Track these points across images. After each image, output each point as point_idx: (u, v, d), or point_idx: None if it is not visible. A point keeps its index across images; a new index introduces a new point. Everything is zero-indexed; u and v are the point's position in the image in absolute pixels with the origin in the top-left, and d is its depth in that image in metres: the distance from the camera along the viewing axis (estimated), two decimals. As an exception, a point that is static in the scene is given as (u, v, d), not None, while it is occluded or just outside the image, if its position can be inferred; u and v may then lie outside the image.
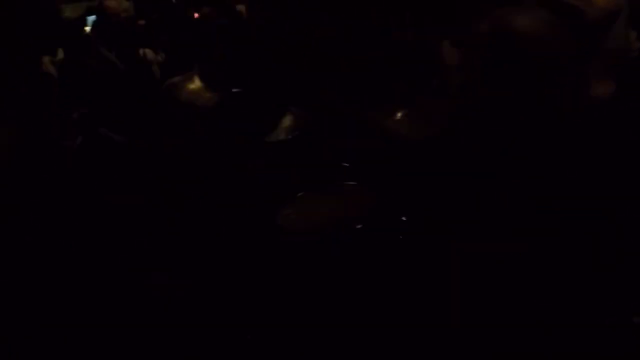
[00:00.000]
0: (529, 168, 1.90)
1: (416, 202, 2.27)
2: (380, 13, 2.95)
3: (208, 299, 2.33)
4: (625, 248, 1.63)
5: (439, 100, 2.13)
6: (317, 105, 2.99)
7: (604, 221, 1.65)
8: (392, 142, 2.29)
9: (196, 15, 5.49)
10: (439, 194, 2.26)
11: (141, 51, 4.13)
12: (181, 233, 2.51)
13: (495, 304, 1.77)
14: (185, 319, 2.26)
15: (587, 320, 1.65)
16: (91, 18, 4.62)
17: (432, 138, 2.11)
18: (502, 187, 1.98)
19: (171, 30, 4.51)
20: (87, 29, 4.77)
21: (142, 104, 3.32)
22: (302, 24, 3.11)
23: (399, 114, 2.25)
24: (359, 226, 2.22)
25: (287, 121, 2.94)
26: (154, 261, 2.48)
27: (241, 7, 4.28)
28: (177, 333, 2.19)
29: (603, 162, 1.68)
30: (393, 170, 2.42)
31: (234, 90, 3.00)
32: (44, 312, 2.23)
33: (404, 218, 2.28)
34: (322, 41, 3.05)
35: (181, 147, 2.78)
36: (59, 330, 2.21)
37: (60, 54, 3.77)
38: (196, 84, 3.07)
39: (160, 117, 2.99)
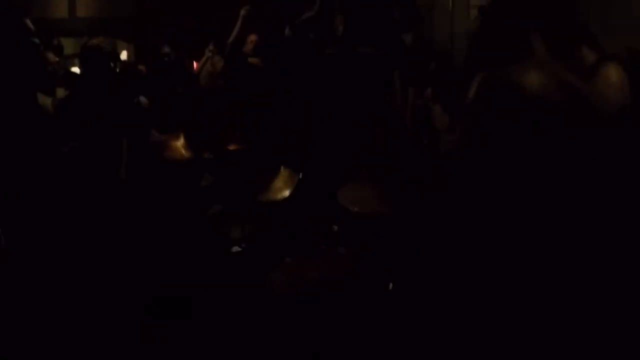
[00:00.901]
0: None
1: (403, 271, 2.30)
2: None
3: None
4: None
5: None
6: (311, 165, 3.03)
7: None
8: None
9: (195, 64, 5.58)
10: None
11: (136, 99, 4.19)
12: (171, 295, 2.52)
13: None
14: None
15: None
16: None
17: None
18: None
19: (166, 83, 4.58)
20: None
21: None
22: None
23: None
24: (345, 293, 2.24)
25: (279, 182, 2.97)
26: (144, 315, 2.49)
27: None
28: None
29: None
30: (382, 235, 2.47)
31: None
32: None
33: (390, 286, 2.30)
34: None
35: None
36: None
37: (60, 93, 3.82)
38: (181, 142, 3.08)
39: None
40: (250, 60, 4.29)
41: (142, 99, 3.72)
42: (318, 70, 3.19)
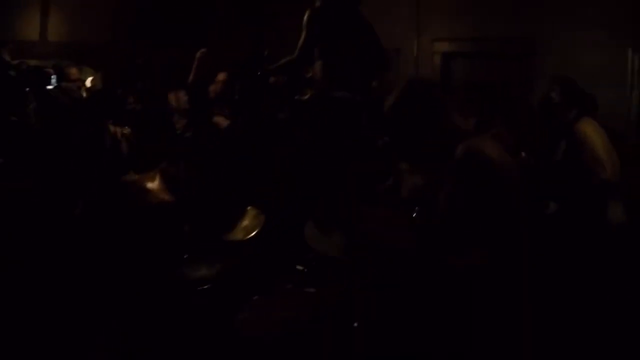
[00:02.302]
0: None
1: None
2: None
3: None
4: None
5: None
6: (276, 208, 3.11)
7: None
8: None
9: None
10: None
11: (112, 128, 4.19)
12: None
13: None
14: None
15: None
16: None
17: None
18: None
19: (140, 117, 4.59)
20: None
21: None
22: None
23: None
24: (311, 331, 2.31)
25: (245, 221, 3.02)
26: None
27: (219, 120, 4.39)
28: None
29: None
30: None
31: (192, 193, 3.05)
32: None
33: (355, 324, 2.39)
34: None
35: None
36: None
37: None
38: (156, 183, 3.03)
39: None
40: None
41: (127, 130, 3.73)
42: (296, 112, 3.32)
